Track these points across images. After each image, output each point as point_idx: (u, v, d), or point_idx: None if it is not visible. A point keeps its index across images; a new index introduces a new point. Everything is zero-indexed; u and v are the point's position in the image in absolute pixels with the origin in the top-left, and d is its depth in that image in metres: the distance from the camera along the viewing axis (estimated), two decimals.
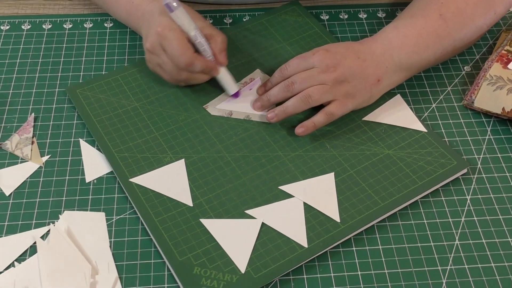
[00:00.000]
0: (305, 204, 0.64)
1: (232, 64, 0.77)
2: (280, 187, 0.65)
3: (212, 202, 0.64)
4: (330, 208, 0.64)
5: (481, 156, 0.70)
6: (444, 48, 0.73)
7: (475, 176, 0.68)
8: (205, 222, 0.63)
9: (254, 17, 0.85)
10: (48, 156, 0.69)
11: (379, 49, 0.70)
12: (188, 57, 0.68)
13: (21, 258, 0.60)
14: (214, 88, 0.74)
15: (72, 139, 0.71)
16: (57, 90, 0.76)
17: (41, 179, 0.67)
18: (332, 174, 0.67)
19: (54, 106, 0.74)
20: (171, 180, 0.66)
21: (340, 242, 0.62)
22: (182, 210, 0.63)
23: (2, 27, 0.83)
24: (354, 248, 0.62)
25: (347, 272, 0.60)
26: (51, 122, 0.72)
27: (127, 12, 0.77)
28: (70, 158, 0.69)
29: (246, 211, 0.63)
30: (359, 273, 0.60)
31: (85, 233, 0.62)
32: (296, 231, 0.62)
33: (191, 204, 0.64)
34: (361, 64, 0.69)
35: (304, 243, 0.61)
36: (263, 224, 0.62)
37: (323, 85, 0.68)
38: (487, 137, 0.72)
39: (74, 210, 0.64)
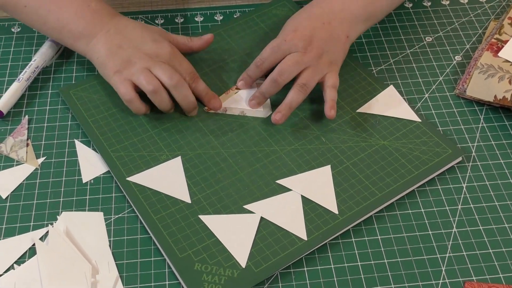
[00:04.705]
0: (302, 197, 0.64)
1: (224, 61, 0.78)
2: (277, 181, 0.66)
3: (210, 198, 0.64)
4: (328, 200, 0.64)
5: (475, 144, 0.71)
6: None
7: (470, 164, 0.69)
8: (204, 218, 0.63)
9: (244, 13, 0.85)
10: (44, 157, 0.69)
11: (338, 6, 0.73)
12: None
13: (20, 261, 0.60)
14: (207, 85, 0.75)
15: (67, 140, 0.70)
16: (50, 91, 0.75)
17: (38, 181, 0.67)
18: (329, 166, 0.67)
19: (47, 107, 0.74)
20: (168, 178, 0.66)
21: (339, 234, 0.62)
22: (180, 207, 0.63)
23: None
24: (353, 239, 0.62)
25: (347, 263, 0.60)
26: (46, 124, 0.72)
27: (75, 14, 0.71)
28: (66, 159, 0.69)
29: (245, 206, 0.64)
30: (359, 263, 0.60)
31: (84, 233, 0.62)
32: (295, 224, 0.62)
33: (189, 201, 0.64)
34: (328, 28, 0.71)
35: (304, 236, 0.61)
36: (262, 218, 0.63)
37: (309, 68, 0.69)
38: (480, 125, 0.73)
39: (72, 210, 0.64)
